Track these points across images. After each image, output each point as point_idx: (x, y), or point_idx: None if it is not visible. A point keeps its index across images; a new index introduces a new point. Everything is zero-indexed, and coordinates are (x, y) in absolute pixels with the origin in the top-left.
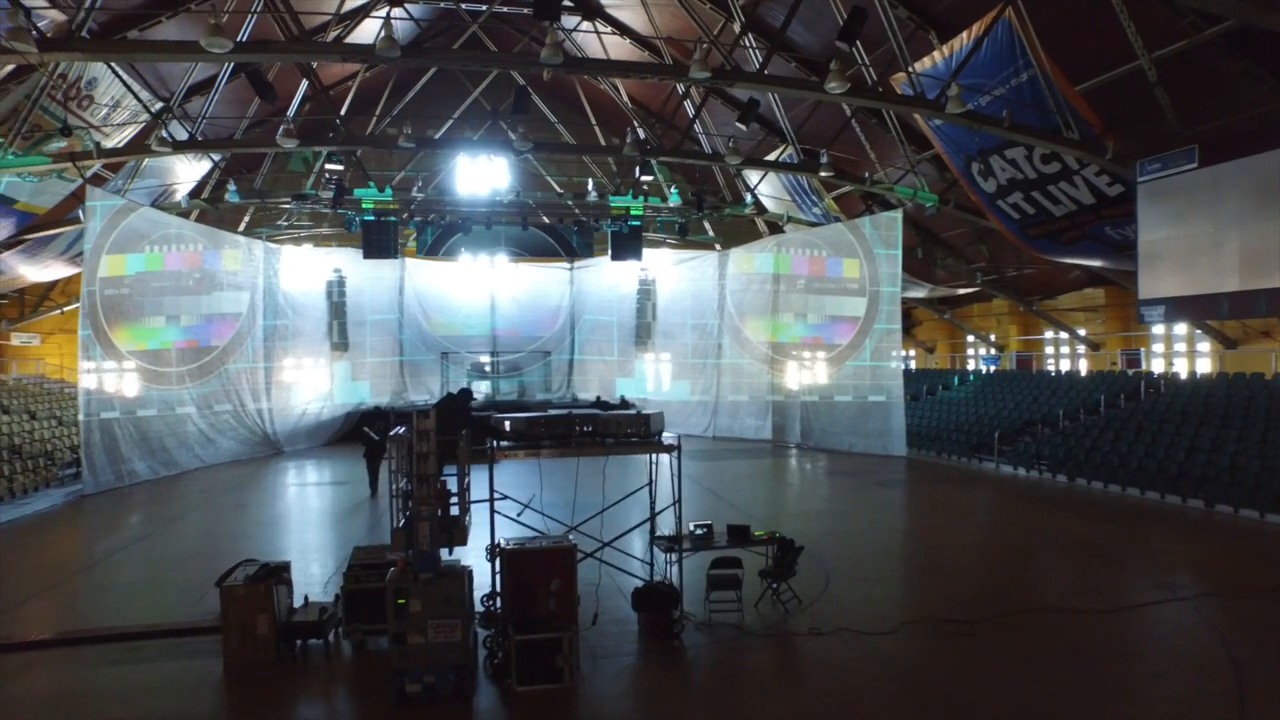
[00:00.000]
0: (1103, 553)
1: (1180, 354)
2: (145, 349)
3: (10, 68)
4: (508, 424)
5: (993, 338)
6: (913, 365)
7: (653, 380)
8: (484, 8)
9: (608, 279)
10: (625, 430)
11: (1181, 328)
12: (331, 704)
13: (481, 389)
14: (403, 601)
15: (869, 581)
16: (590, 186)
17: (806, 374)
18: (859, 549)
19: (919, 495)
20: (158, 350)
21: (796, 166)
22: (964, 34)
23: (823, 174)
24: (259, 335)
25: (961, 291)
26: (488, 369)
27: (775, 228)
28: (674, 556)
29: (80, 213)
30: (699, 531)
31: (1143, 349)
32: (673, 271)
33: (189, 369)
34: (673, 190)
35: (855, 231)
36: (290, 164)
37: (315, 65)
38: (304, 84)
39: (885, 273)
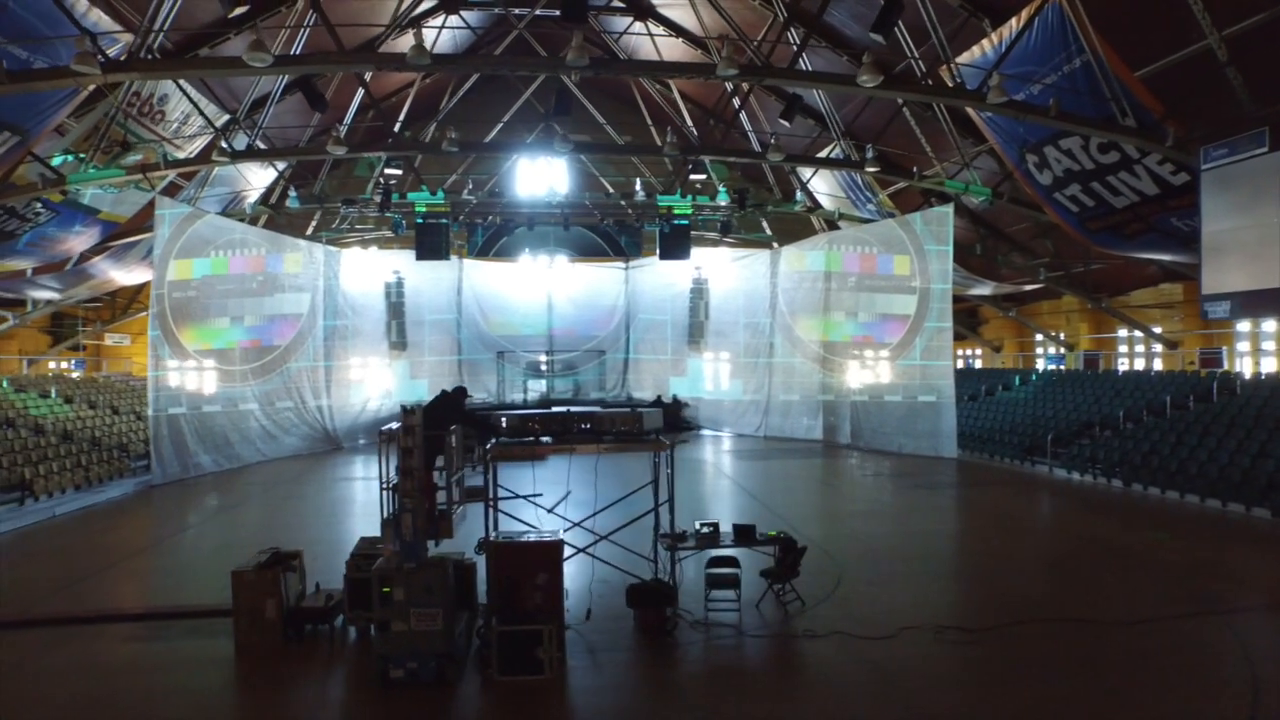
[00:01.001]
0: (1142, 561)
1: (1269, 353)
2: (210, 348)
3: (90, 88)
4: (504, 420)
5: (1062, 336)
6: (978, 364)
7: (711, 380)
8: (531, 11)
9: (662, 278)
10: (620, 428)
11: (1270, 324)
12: (324, 685)
13: (537, 388)
14: (387, 590)
15: (881, 585)
16: (638, 186)
17: (857, 373)
18: (881, 552)
19: (959, 499)
20: (222, 350)
21: (839, 162)
22: (1013, 20)
23: (868, 169)
24: (319, 335)
25: (1028, 288)
26: (543, 368)
27: (831, 225)
28: (679, 555)
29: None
30: (704, 530)
31: (1225, 348)
32: (725, 270)
33: (252, 367)
34: (721, 188)
35: (906, 227)
36: (356, 169)
37: (369, 75)
38: (360, 93)
39: (936, 269)
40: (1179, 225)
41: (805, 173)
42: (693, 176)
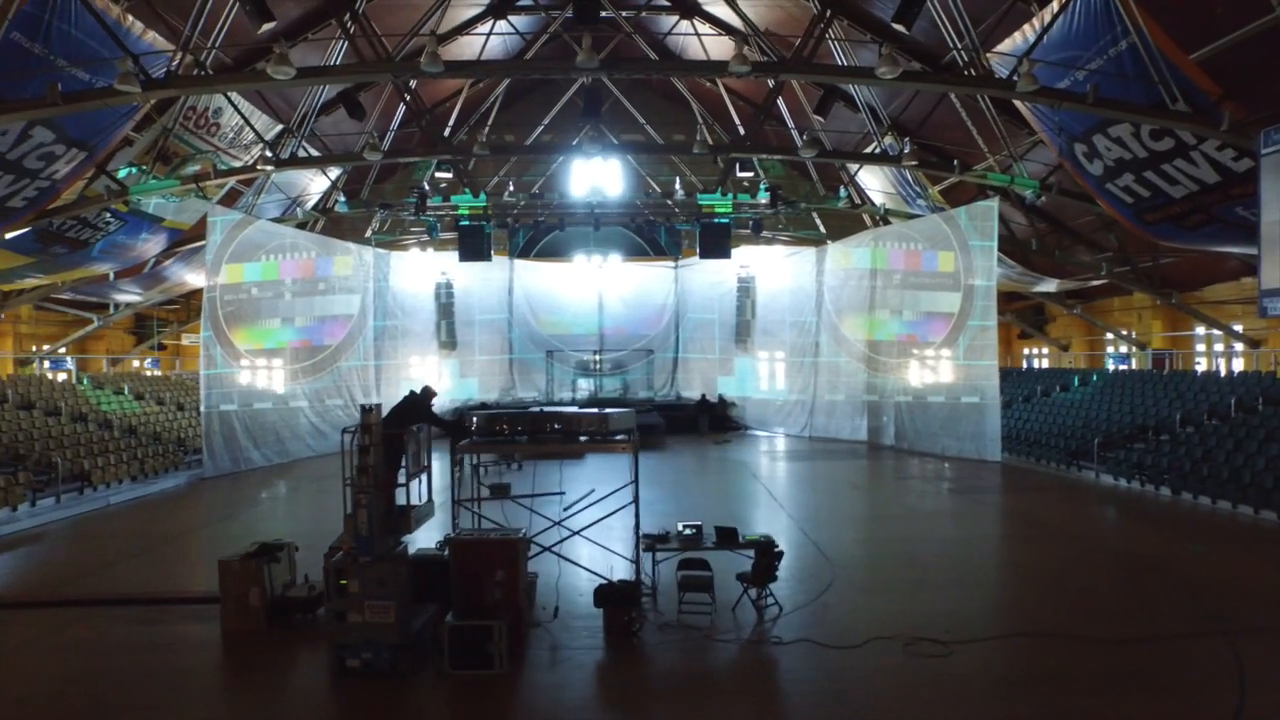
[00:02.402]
0: (1165, 575)
1: None
2: (261, 348)
3: (150, 104)
4: (475, 420)
5: (1133, 334)
6: (1045, 364)
7: (757, 379)
8: (563, 13)
9: (710, 277)
10: (587, 429)
11: None
12: (287, 672)
13: (587, 387)
14: (344, 582)
15: (871, 592)
16: (677, 185)
17: (901, 373)
18: (884, 558)
19: (990, 504)
20: (273, 349)
21: (872, 157)
22: (1054, 2)
23: (905, 164)
24: (369, 335)
25: (1095, 283)
26: (592, 367)
27: (884, 221)
28: (659, 556)
29: None
30: (687, 532)
31: None
32: (771, 268)
33: (302, 366)
34: (761, 186)
35: (951, 223)
36: (414, 173)
37: (413, 83)
38: (406, 99)
39: (980, 265)
40: (1245, 215)
41: (854, 168)
42: (740, 174)
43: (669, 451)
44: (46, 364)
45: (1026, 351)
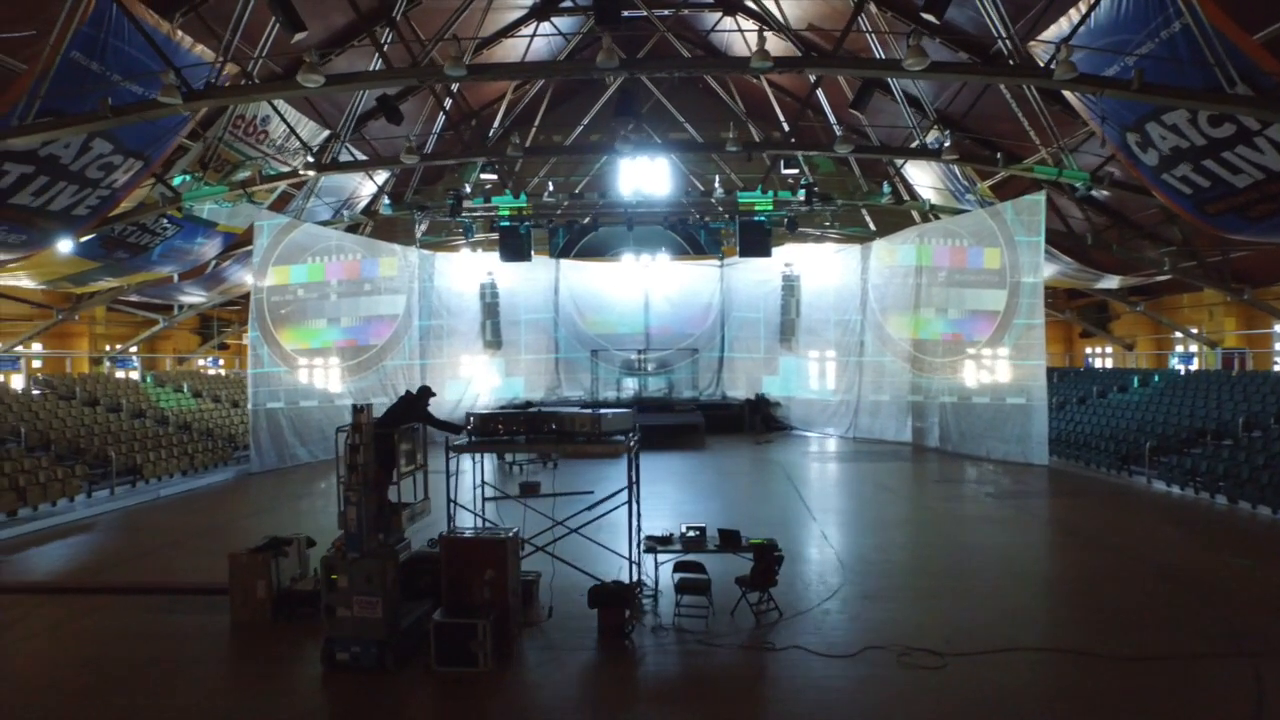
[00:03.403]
0: (1203, 590)
1: None
2: (308, 348)
3: (202, 112)
4: (470, 420)
5: (1203, 332)
6: (1108, 364)
7: (801, 379)
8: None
9: (755, 275)
10: (581, 430)
11: None
12: (282, 662)
13: (631, 386)
14: (335, 577)
15: (878, 600)
16: (716, 183)
17: (945, 373)
18: (901, 565)
19: (1027, 510)
20: (319, 349)
21: (907, 151)
22: None
23: (945, 158)
24: (415, 335)
25: (1161, 279)
26: (637, 366)
27: (934, 216)
28: (660, 558)
29: None
30: (691, 534)
31: None
32: (816, 266)
33: (348, 365)
34: (801, 183)
35: (997, 218)
36: (465, 175)
37: (455, 87)
38: (448, 103)
39: (1027, 261)
40: None
41: (900, 163)
42: (785, 170)
43: (708, 451)
44: (111, 363)
45: (1088, 351)
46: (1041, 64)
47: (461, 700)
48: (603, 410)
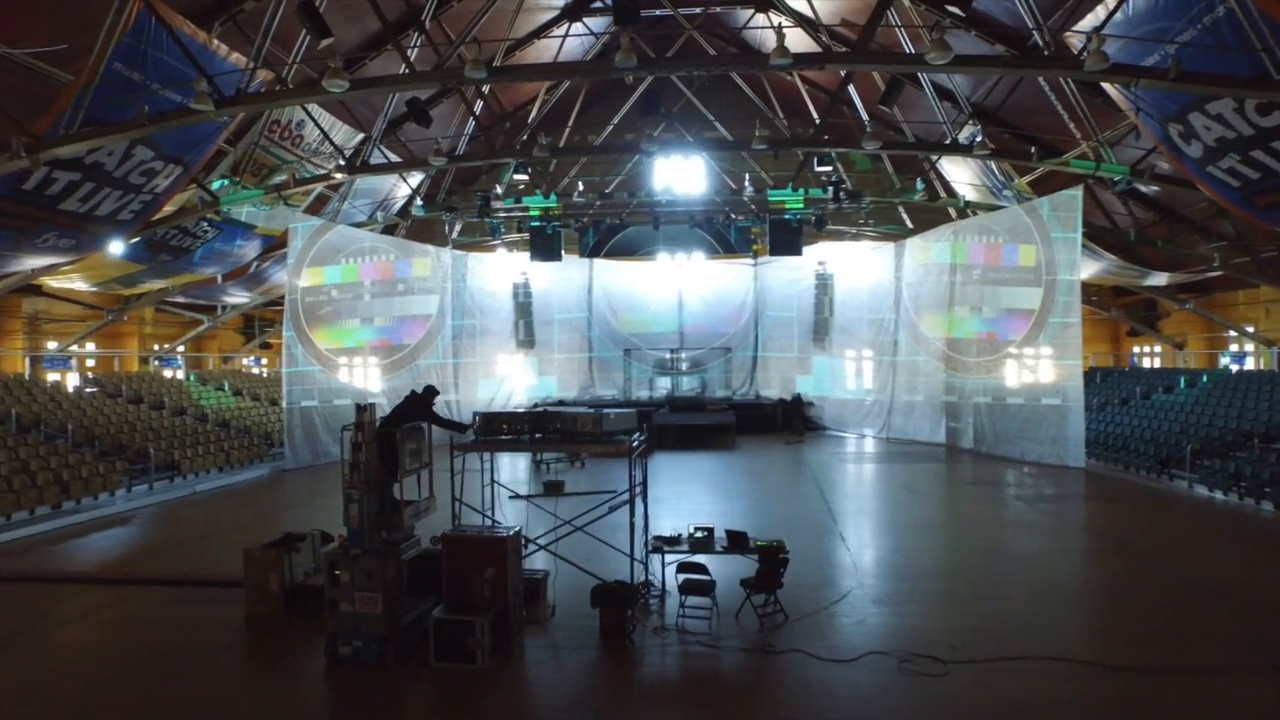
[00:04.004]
0: (1235, 600)
1: None
2: (341, 347)
3: (239, 117)
4: (476, 419)
5: (1259, 330)
6: (1157, 363)
7: (835, 378)
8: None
9: (788, 274)
10: (584, 429)
11: None
12: (290, 654)
13: (665, 385)
14: (338, 573)
15: (887, 605)
16: (746, 181)
17: (979, 373)
18: (916, 569)
19: (1057, 514)
20: (353, 348)
21: (944, 147)
22: None
23: (976, 153)
24: (448, 334)
25: (1212, 276)
26: (670, 365)
27: (972, 212)
28: (667, 558)
29: None
30: (699, 535)
31: None
32: (850, 265)
33: (382, 364)
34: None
35: (1032, 214)
36: (500, 175)
37: (486, 89)
38: (479, 105)
39: (1063, 259)
40: None
41: (935, 158)
42: (819, 168)
43: (737, 452)
44: (157, 362)
45: (1135, 350)
46: (1072, 54)
47: (457, 696)
48: (606, 410)
